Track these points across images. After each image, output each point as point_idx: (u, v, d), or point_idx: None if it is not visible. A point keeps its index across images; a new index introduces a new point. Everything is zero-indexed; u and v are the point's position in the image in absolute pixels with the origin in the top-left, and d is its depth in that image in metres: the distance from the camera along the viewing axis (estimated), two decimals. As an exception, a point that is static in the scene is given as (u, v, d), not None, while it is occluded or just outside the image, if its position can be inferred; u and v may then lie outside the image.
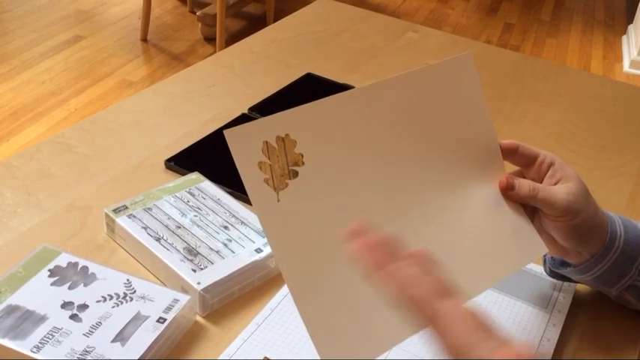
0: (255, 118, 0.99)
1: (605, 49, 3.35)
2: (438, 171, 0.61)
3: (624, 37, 3.45)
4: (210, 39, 2.98)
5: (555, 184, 0.64)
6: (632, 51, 3.21)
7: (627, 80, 3.04)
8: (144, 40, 2.93)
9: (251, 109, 1.01)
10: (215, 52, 2.76)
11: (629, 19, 3.57)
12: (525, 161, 0.66)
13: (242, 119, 0.98)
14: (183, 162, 0.87)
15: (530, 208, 0.65)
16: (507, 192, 0.63)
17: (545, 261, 0.72)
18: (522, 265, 0.69)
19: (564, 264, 0.69)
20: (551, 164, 0.65)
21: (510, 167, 0.66)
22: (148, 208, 0.75)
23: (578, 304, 0.72)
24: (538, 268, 0.74)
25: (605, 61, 3.24)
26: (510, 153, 0.65)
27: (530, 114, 1.09)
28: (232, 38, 2.90)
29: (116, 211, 0.74)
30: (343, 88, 1.10)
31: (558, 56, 3.22)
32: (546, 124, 1.07)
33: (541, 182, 0.64)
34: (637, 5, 3.38)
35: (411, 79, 0.61)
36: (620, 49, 3.37)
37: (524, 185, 0.63)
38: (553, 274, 0.71)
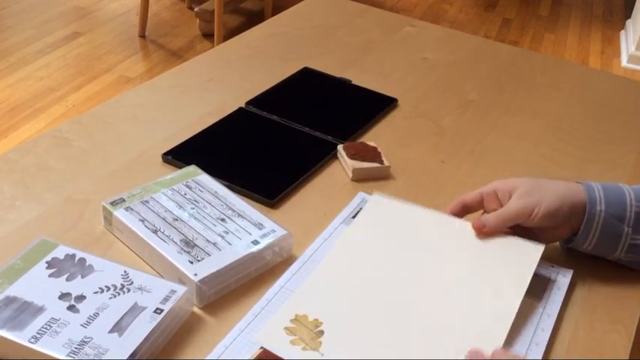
0: (253, 112, 0.99)
1: (604, 45, 3.35)
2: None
3: (622, 33, 3.45)
4: (208, 35, 2.98)
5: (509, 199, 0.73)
6: (630, 46, 3.21)
7: (625, 75, 3.04)
8: (142, 36, 2.93)
9: (248, 103, 1.01)
10: (213, 47, 2.76)
11: (628, 14, 3.57)
12: (478, 205, 0.75)
13: (239, 113, 0.99)
14: (180, 155, 0.88)
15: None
16: (482, 232, 0.72)
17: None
18: (533, 268, 0.71)
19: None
20: (495, 192, 0.74)
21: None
22: (145, 201, 0.75)
23: (572, 294, 0.72)
24: (533, 260, 0.75)
25: (603, 56, 3.24)
26: (463, 210, 0.76)
27: (527, 107, 1.09)
28: (230, 34, 2.90)
29: (114, 203, 0.75)
30: (340, 81, 1.11)
31: (556, 51, 3.22)
32: (543, 118, 1.07)
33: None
34: (635, 0, 3.38)
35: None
36: (618, 44, 3.37)
37: (490, 218, 0.72)
38: (566, 249, 0.77)
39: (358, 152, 0.89)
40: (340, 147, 0.90)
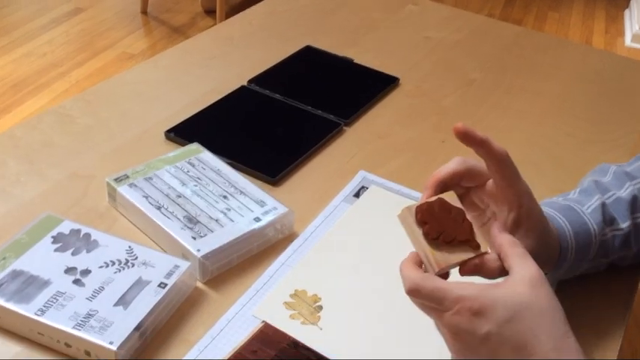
0: (255, 90, 1.00)
1: (607, 23, 3.33)
2: None
3: (626, 11, 3.42)
4: (210, 11, 2.96)
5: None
6: (634, 25, 3.19)
7: (629, 55, 3.02)
8: (144, 12, 2.92)
9: (250, 81, 1.02)
10: (215, 24, 2.75)
11: (633, -7, 3.54)
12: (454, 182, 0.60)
13: (241, 91, 0.99)
14: (183, 133, 0.88)
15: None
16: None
17: None
18: None
19: None
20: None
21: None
22: (149, 178, 0.76)
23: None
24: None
25: (607, 35, 3.22)
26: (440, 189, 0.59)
27: (529, 87, 1.10)
28: (233, 11, 2.88)
29: (117, 180, 0.76)
30: (342, 60, 1.11)
31: (560, 30, 3.20)
32: (545, 98, 1.07)
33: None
34: (641, -21, 3.36)
35: None
36: (622, 23, 3.35)
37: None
38: None
39: (441, 230, 0.54)
40: (407, 210, 0.55)
